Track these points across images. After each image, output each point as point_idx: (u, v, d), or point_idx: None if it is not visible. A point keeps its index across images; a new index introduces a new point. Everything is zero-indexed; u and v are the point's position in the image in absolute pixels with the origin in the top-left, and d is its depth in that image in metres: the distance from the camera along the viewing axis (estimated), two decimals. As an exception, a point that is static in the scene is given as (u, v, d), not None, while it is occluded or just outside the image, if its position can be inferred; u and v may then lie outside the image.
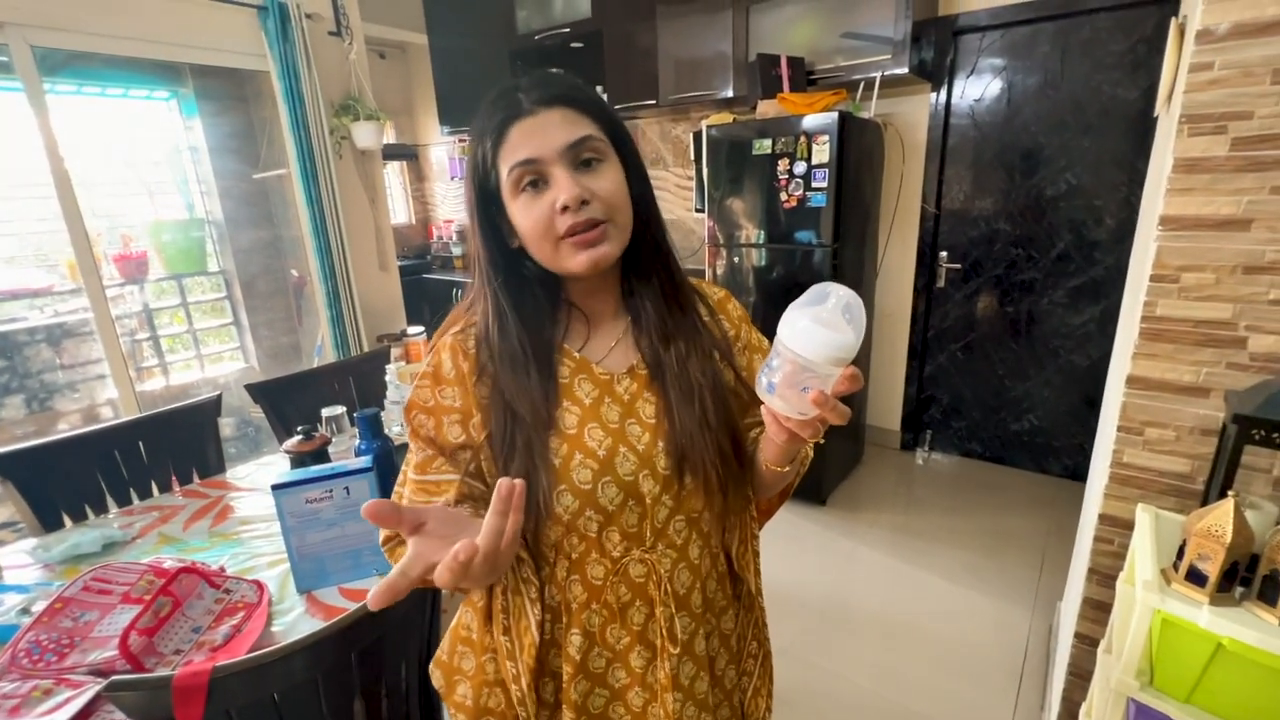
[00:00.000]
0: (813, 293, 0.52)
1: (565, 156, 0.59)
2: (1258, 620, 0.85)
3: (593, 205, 0.60)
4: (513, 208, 0.62)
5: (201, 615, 0.95)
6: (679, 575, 0.68)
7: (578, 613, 0.66)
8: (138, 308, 3.20)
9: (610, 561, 0.66)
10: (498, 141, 0.61)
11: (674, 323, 0.69)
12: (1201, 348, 1.10)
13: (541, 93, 0.61)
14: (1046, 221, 2.66)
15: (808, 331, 0.50)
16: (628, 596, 0.67)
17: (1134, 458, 1.21)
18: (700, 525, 0.70)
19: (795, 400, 0.52)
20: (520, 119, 0.60)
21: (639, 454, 0.65)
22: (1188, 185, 1.06)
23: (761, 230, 2.59)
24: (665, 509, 0.66)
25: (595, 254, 0.61)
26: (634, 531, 0.66)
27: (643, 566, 0.67)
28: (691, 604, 0.70)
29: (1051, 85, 2.53)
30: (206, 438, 1.60)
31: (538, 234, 0.61)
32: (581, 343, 0.69)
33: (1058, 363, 2.77)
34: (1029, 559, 2.33)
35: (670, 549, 0.68)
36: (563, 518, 0.63)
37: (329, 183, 2.64)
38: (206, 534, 1.29)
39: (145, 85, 3.12)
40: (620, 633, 0.67)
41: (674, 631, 0.67)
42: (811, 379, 0.51)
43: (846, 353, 0.50)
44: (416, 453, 0.66)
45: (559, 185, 0.59)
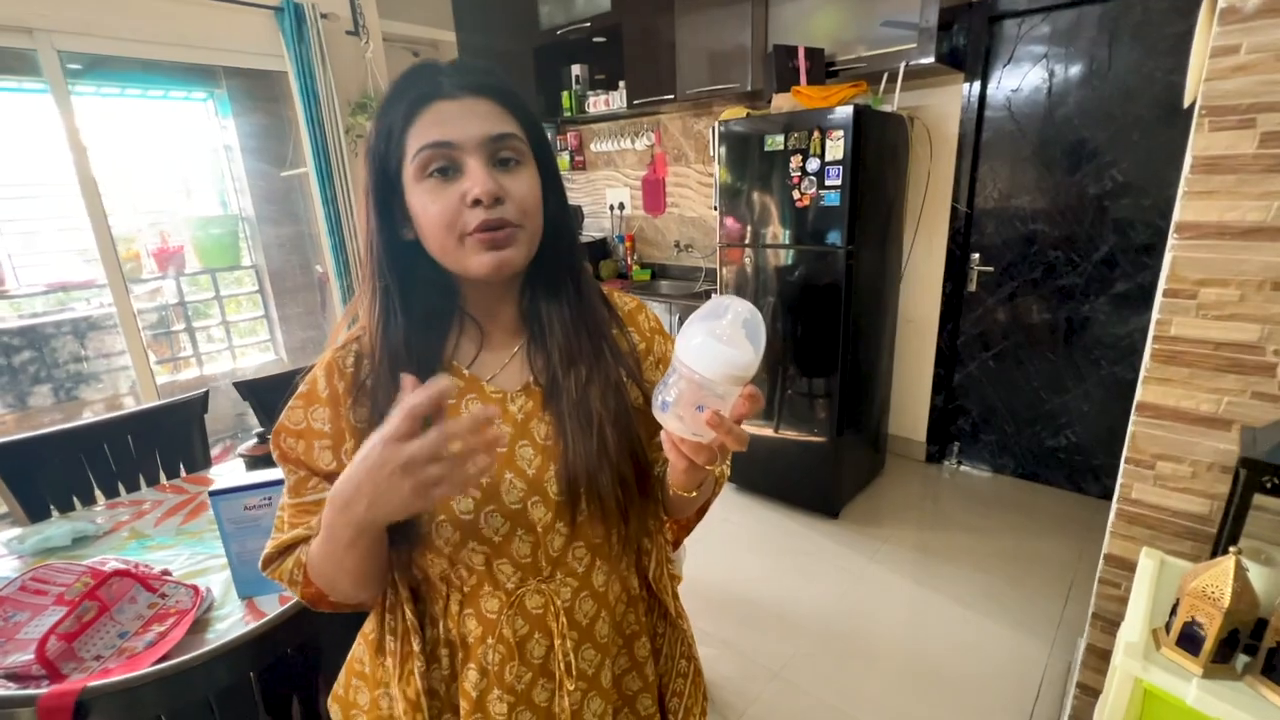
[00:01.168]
0: (710, 306, 0.49)
1: (484, 149, 0.55)
2: (1258, 701, 0.72)
3: (506, 205, 0.56)
4: (414, 193, 0.56)
5: (131, 620, 0.95)
6: (581, 605, 0.64)
7: (474, 647, 0.62)
8: (174, 299, 3.34)
9: (504, 594, 0.62)
10: (409, 117, 0.55)
11: (579, 346, 0.64)
12: (1223, 374, 0.97)
13: (468, 79, 0.56)
14: (1089, 222, 2.45)
15: (704, 347, 0.47)
16: (525, 629, 0.63)
17: (1144, 494, 1.08)
18: (604, 551, 0.66)
19: (690, 420, 0.49)
20: (439, 99, 0.55)
21: (528, 479, 0.61)
22: (1209, 187, 0.92)
23: (774, 230, 2.48)
24: (560, 536, 0.62)
25: (501, 256, 0.57)
26: (527, 562, 0.62)
27: (540, 597, 0.63)
28: (596, 634, 0.66)
29: (1098, 74, 2.32)
30: (193, 433, 1.63)
31: (440, 226, 0.56)
32: (472, 357, 0.64)
33: (1099, 375, 2.55)
34: (1054, 588, 2.16)
35: (570, 578, 0.64)
36: (444, 550, 0.59)
37: (344, 181, 2.68)
38: (174, 531, 1.31)
39: (184, 87, 3.25)
40: (521, 669, 0.63)
41: (571, 665, 0.63)
42: (709, 398, 0.48)
43: (745, 371, 0.48)
44: (289, 475, 0.63)
45: (473, 176, 0.55)
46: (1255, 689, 0.74)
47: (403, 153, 0.56)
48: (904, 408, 3.05)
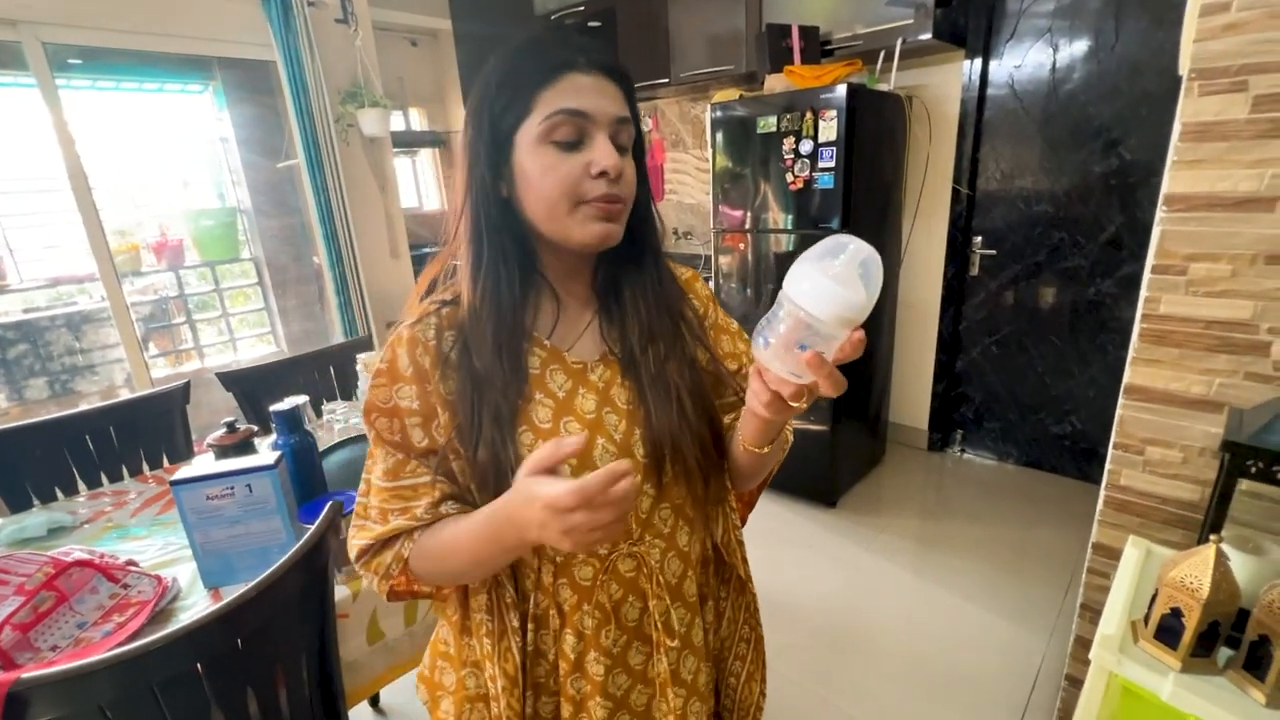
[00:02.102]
0: (826, 244, 0.48)
1: (612, 126, 0.58)
2: (1239, 697, 0.69)
3: (621, 184, 0.59)
4: (529, 154, 0.58)
5: (91, 611, 0.95)
6: (669, 565, 0.66)
7: (570, 615, 0.64)
8: (174, 293, 3.35)
9: (598, 560, 0.64)
10: (543, 81, 0.57)
11: (659, 324, 0.67)
12: (1214, 354, 0.92)
13: (599, 58, 0.58)
14: (1095, 202, 2.37)
15: (818, 287, 0.46)
16: (619, 593, 0.65)
17: (1133, 480, 1.03)
18: (685, 511, 0.67)
19: (790, 360, 0.48)
20: (576, 70, 0.57)
21: (617, 443, 0.63)
22: (1198, 156, 0.87)
23: (771, 215, 2.43)
24: (648, 498, 0.64)
25: (610, 229, 0.59)
26: None
27: (631, 560, 0.64)
28: (685, 593, 0.68)
29: (1104, 48, 2.24)
30: (175, 424, 1.63)
31: (557, 191, 0.57)
32: (550, 328, 0.66)
33: (1105, 360, 2.48)
34: (1055, 577, 2.11)
35: (658, 539, 0.66)
36: None
37: (334, 170, 2.67)
38: (150, 521, 1.31)
39: (179, 79, 3.24)
40: (616, 633, 0.65)
41: (670, 624, 0.66)
42: (813, 338, 0.47)
43: (857, 313, 0.46)
44: (383, 459, 0.63)
45: (601, 150, 0.57)
46: (1237, 684, 0.70)
47: (526, 112, 0.57)
48: (905, 395, 2.99)
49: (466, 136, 0.61)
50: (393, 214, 3.06)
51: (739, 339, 0.76)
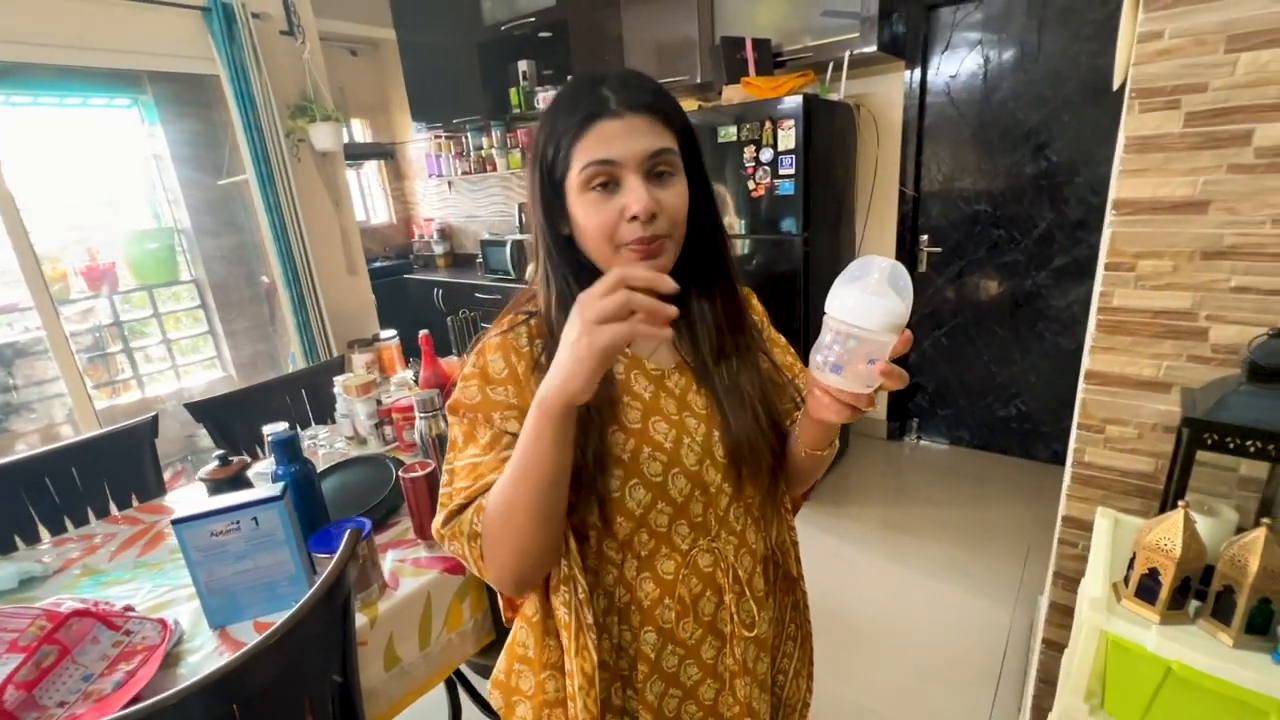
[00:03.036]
0: (855, 268, 0.53)
1: (642, 165, 0.60)
2: (1210, 642, 0.78)
3: (659, 220, 0.60)
4: (576, 202, 0.62)
5: (95, 661, 0.90)
6: (742, 561, 0.70)
7: (650, 609, 0.67)
8: (109, 320, 3.15)
9: (680, 555, 0.67)
10: (577, 136, 0.60)
11: (731, 342, 0.70)
12: (1161, 340, 1.03)
13: (631, 97, 0.60)
14: (1028, 201, 2.57)
15: (865, 304, 0.50)
16: (698, 588, 0.68)
17: (1096, 456, 1.14)
18: (754, 510, 0.71)
19: (864, 374, 0.52)
20: (605, 118, 0.59)
21: (700, 444, 0.66)
22: (1141, 165, 0.98)
23: (730, 221, 2.51)
24: (726, 496, 0.68)
25: (653, 266, 0.61)
26: (700, 521, 0.67)
27: (710, 556, 0.68)
28: (754, 588, 0.71)
29: (1029, 58, 2.43)
30: (144, 460, 1.55)
31: (600, 235, 0.61)
32: None
33: (1043, 346, 2.69)
34: (1014, 551, 2.27)
35: (732, 536, 0.69)
36: (635, 512, 0.64)
37: (287, 186, 2.58)
38: (132, 564, 1.25)
39: (104, 93, 3.06)
40: (693, 626, 0.68)
41: (744, 617, 0.69)
42: (876, 350, 0.52)
43: (902, 318, 0.51)
44: (483, 435, 0.64)
45: (632, 193, 0.59)
46: (1207, 631, 0.80)
47: (568, 165, 0.61)
48: (864, 388, 3.13)
49: (530, 180, 0.65)
50: (348, 229, 2.98)
51: (787, 352, 0.81)
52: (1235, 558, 0.76)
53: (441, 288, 4.17)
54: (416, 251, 4.89)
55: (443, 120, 3.98)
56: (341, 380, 1.70)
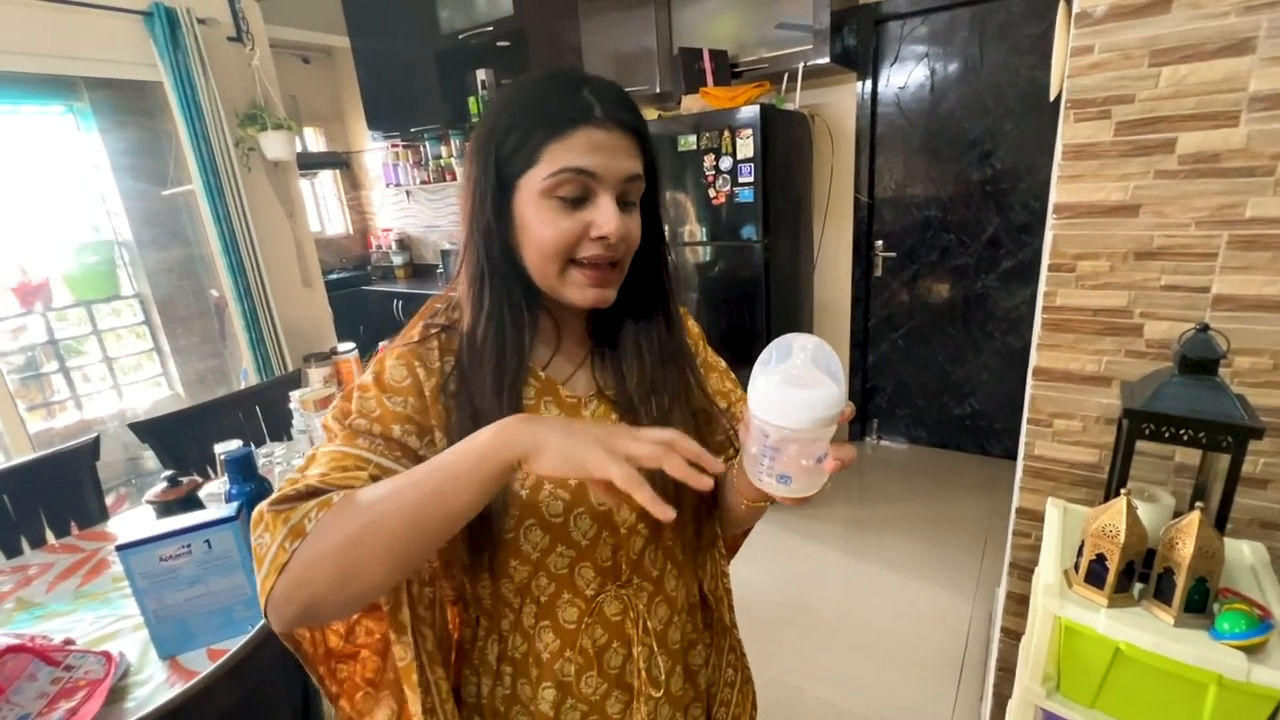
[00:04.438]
0: (774, 351, 0.48)
1: (618, 186, 0.56)
2: (1153, 621, 0.82)
3: (619, 246, 0.57)
4: (529, 205, 0.55)
5: (32, 700, 0.85)
6: (655, 610, 0.65)
7: (549, 664, 0.61)
8: (43, 339, 2.98)
9: (584, 601, 0.61)
10: (554, 135, 0.54)
11: (663, 377, 0.64)
12: (1101, 336, 1.09)
13: (617, 111, 0.55)
14: (975, 206, 2.67)
15: (798, 402, 0.45)
16: (604, 638, 0.62)
17: (1045, 449, 1.20)
18: (676, 555, 0.66)
19: (813, 473, 0.48)
20: (591, 125, 0.54)
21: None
22: (1077, 172, 1.04)
23: (691, 228, 2.54)
24: (641, 538, 0.63)
25: (603, 294, 0.58)
26: (608, 566, 0.62)
27: (619, 604, 0.63)
28: (669, 641, 0.66)
29: (972, 70, 2.54)
30: (84, 484, 1.47)
31: (552, 248, 0.55)
32: (545, 360, 0.64)
33: (994, 346, 2.79)
34: (972, 544, 2.34)
35: (646, 582, 0.64)
36: (530, 556, 0.59)
37: (236, 197, 2.49)
38: (72, 595, 1.18)
39: (35, 101, 2.91)
40: (597, 680, 0.62)
41: (654, 673, 0.63)
42: (820, 447, 0.47)
43: (840, 405, 0.46)
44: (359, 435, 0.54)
45: (604, 211, 0.55)
46: (1149, 611, 0.84)
47: (532, 162, 0.54)
48: (826, 390, 3.20)
49: (470, 171, 0.58)
50: (303, 241, 2.90)
51: (726, 377, 0.75)
52: (1173, 540, 0.81)
53: (402, 299, 4.10)
54: (375, 262, 4.79)
55: (400, 129, 3.91)
56: (299, 395, 1.65)
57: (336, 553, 0.45)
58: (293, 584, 0.45)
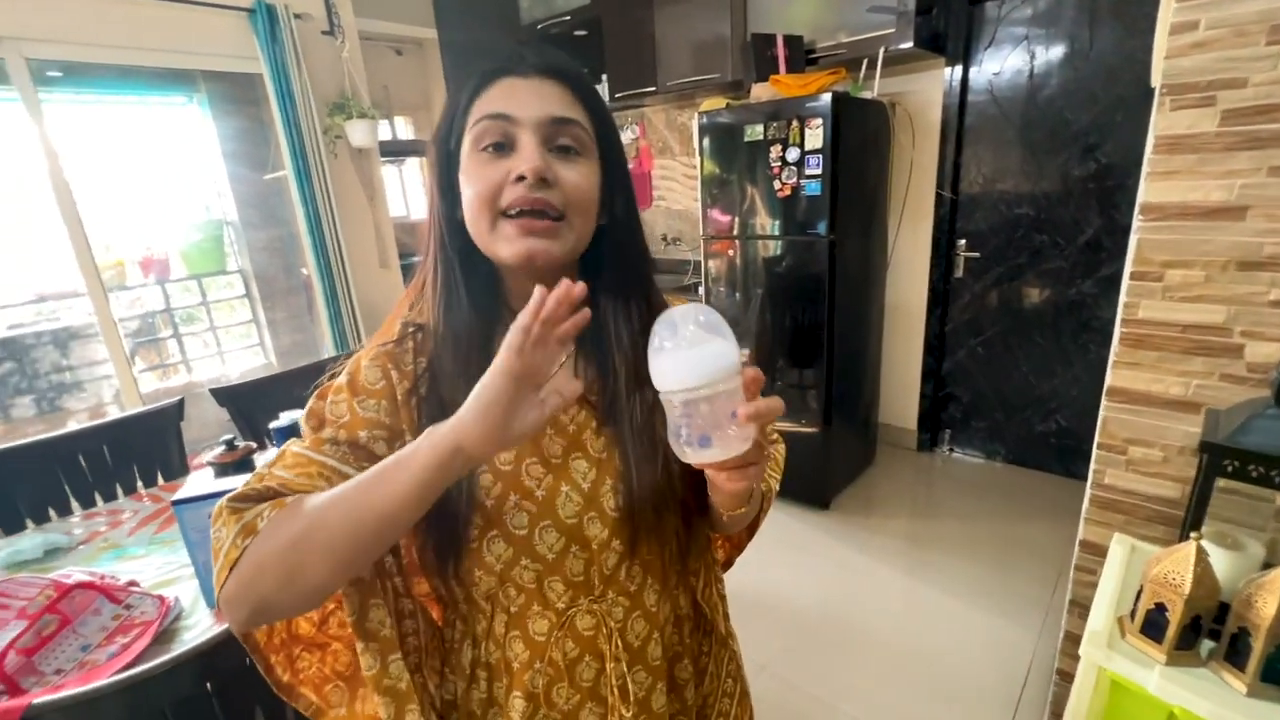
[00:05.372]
0: (659, 331, 0.47)
1: (542, 128, 0.53)
2: (1221, 687, 0.72)
3: (554, 190, 0.53)
4: (464, 167, 0.54)
5: (94, 633, 0.95)
6: (633, 626, 0.61)
7: (519, 674, 0.59)
8: (160, 307, 3.32)
9: (554, 614, 0.59)
10: (476, 91, 0.54)
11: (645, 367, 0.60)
12: (1190, 356, 0.95)
13: (542, 60, 0.55)
14: (1074, 205, 2.43)
15: (691, 360, 0.45)
16: (575, 652, 0.60)
17: (1116, 479, 1.07)
18: (657, 569, 0.63)
19: (735, 432, 0.46)
20: (510, 75, 0.54)
21: (584, 493, 0.57)
22: (1171, 167, 0.91)
23: (759, 221, 2.46)
24: (615, 554, 0.59)
25: (534, 245, 0.53)
26: (579, 580, 0.59)
27: (591, 618, 0.59)
28: (648, 657, 0.63)
29: (1079, 55, 2.30)
30: (170, 441, 1.63)
31: (481, 201, 0.53)
32: None
33: (1087, 359, 2.54)
34: (1044, 574, 2.15)
35: (623, 597, 0.60)
36: (494, 568, 0.56)
37: (322, 182, 2.66)
38: (148, 541, 1.31)
39: (162, 92, 3.22)
40: (569, 692, 0.60)
41: (626, 689, 0.60)
42: (729, 400, 0.45)
43: (734, 357, 0.46)
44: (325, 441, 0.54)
45: (523, 153, 0.52)
46: (1218, 675, 0.73)
47: (463, 125, 0.54)
48: (894, 396, 3.04)
49: (429, 154, 0.58)
50: (381, 224, 3.06)
51: None
52: (1251, 597, 0.70)
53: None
54: (453, 247, 4.98)
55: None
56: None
57: (282, 552, 0.45)
58: (242, 583, 0.45)
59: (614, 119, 0.59)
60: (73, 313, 2.90)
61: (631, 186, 0.61)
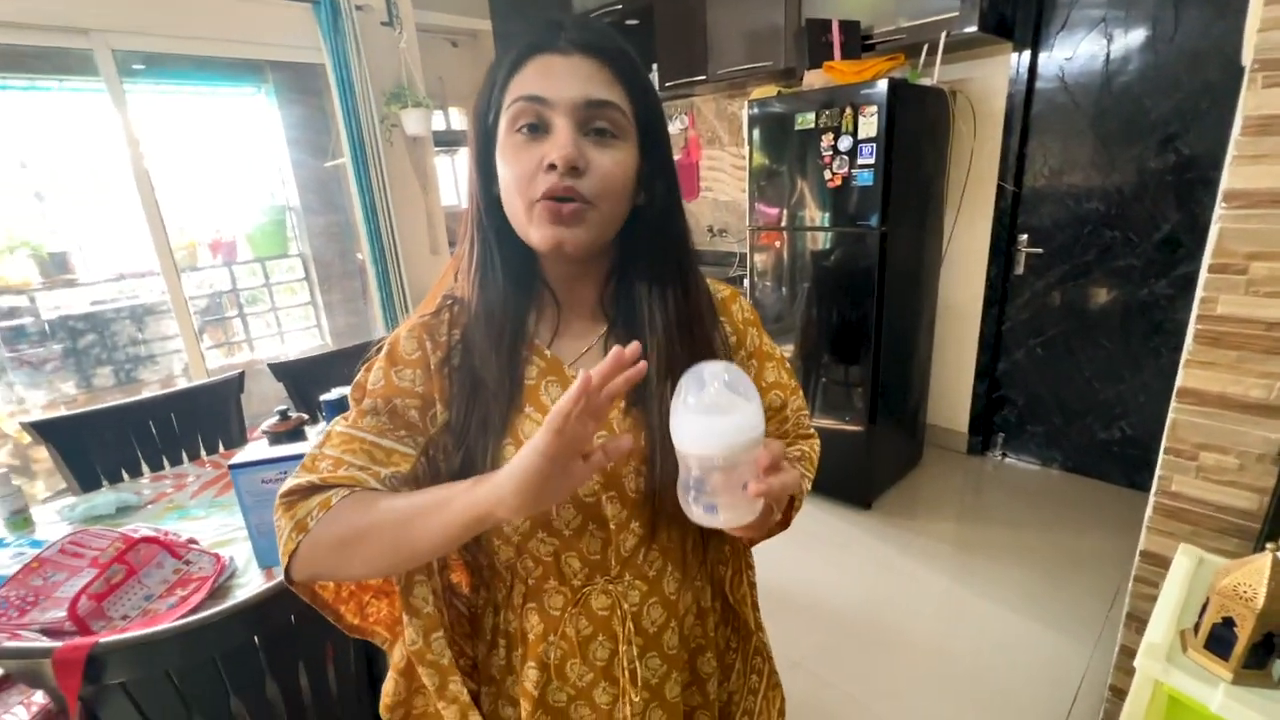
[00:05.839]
0: (687, 383, 0.47)
1: (577, 112, 0.52)
2: (1293, 710, 0.66)
3: (584, 179, 0.52)
4: (501, 148, 0.54)
5: (157, 584, 1.01)
6: (649, 612, 0.61)
7: (534, 645, 0.60)
8: (227, 287, 3.51)
9: (570, 590, 0.59)
10: (513, 69, 0.53)
11: (680, 354, 0.58)
12: (1274, 356, 0.88)
13: (581, 35, 0.53)
14: (1150, 199, 2.28)
15: (713, 427, 0.45)
16: (589, 630, 0.60)
17: (1184, 486, 1.00)
18: (677, 558, 0.62)
19: (743, 501, 0.47)
20: (547, 52, 0.52)
21: (606, 473, 0.57)
22: (1260, 151, 0.84)
23: (807, 213, 2.41)
24: (634, 537, 0.59)
25: (560, 234, 0.52)
26: (596, 559, 0.59)
27: (606, 598, 0.60)
28: (664, 645, 0.62)
29: (1162, 38, 2.15)
30: (230, 412, 1.71)
31: (516, 186, 0.53)
32: (551, 335, 0.61)
33: (1157, 364, 2.39)
34: (1101, 587, 2.04)
35: (640, 581, 0.60)
36: (512, 538, 0.57)
37: (379, 169, 2.75)
38: (208, 503, 1.38)
39: (233, 83, 3.39)
40: (582, 668, 0.61)
41: (637, 673, 0.60)
42: (743, 473, 0.46)
43: (758, 427, 0.45)
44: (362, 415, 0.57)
45: (556, 139, 0.51)
46: (1292, 698, 0.68)
47: (500, 104, 0.54)
48: (944, 396, 2.93)
49: (468, 130, 0.58)
50: (433, 212, 3.13)
51: (783, 367, 0.69)
52: (1335, 617, 0.64)
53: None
54: (502, 236, 5.07)
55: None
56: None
57: (332, 549, 0.51)
58: (301, 570, 0.52)
59: (657, 95, 0.58)
60: (148, 291, 3.09)
61: (673, 168, 0.60)
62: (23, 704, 0.77)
